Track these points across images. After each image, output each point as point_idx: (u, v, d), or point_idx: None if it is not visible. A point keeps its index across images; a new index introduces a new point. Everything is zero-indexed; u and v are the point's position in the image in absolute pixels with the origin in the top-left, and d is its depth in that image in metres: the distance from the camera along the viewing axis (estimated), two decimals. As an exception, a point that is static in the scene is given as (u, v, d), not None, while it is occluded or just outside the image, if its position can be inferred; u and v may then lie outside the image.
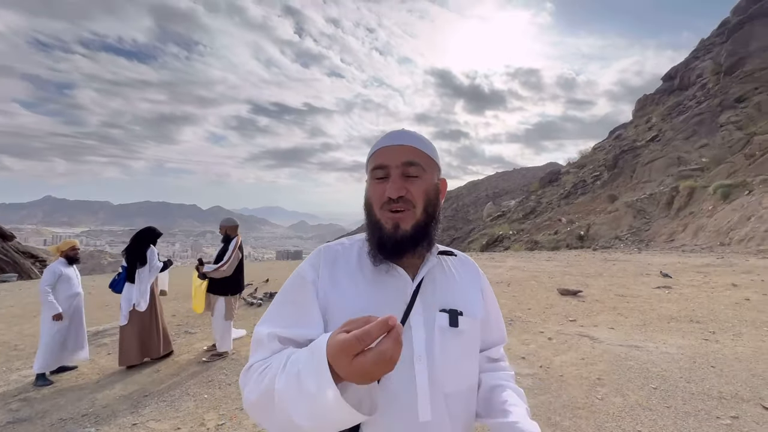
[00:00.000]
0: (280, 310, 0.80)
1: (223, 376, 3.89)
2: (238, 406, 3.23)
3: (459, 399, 0.79)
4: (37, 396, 3.58)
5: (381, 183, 0.80)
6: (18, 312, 7.48)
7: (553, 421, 2.78)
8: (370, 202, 0.83)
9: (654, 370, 3.55)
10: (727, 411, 2.81)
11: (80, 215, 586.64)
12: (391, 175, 0.80)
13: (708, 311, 5.46)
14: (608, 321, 5.28)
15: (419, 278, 0.82)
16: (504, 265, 11.25)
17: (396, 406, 0.73)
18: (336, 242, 0.89)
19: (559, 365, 3.79)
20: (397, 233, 0.78)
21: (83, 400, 3.42)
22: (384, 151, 0.82)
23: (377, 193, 0.80)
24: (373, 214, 0.81)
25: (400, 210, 0.78)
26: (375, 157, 0.83)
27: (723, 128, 19.14)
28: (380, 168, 0.81)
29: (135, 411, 3.19)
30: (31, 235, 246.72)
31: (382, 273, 0.81)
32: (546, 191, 29.69)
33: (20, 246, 19.52)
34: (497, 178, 59.78)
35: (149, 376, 3.94)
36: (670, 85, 31.58)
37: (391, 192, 0.78)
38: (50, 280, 3.95)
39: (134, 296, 4.19)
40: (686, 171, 17.76)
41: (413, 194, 0.79)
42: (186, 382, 3.74)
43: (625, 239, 15.70)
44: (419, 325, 0.77)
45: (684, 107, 24.82)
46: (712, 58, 27.27)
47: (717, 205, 13.87)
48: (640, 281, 7.80)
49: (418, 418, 0.73)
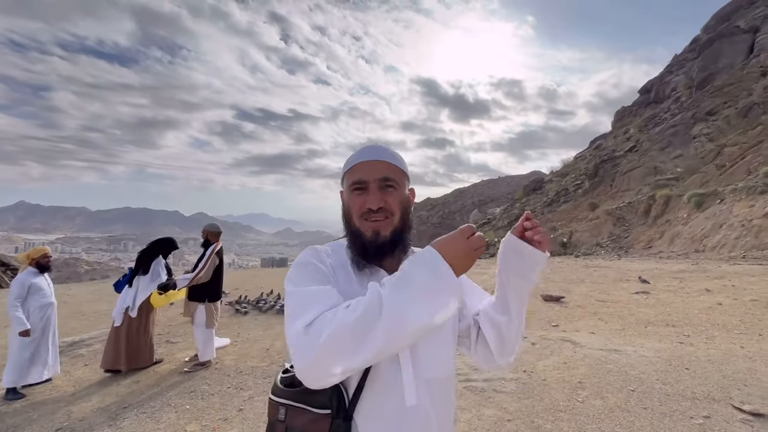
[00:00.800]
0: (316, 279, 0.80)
1: (206, 386, 3.81)
2: (221, 416, 3.17)
3: (439, 384, 0.86)
4: (7, 410, 3.43)
5: (360, 195, 0.88)
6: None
7: (536, 424, 2.84)
8: (350, 213, 0.90)
9: (632, 373, 3.66)
10: (699, 411, 2.92)
11: (55, 221, 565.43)
12: (369, 188, 0.88)
13: (683, 315, 5.66)
14: (589, 326, 5.41)
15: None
16: (489, 272, 11.40)
17: (386, 393, 0.80)
18: (325, 246, 0.95)
19: (542, 369, 3.87)
20: (378, 239, 0.86)
21: (58, 413, 3.30)
22: (361, 167, 0.89)
23: (357, 204, 0.88)
24: (352, 224, 0.89)
25: (379, 219, 0.87)
26: (353, 171, 0.90)
27: (696, 140, 20.01)
28: (359, 182, 0.88)
29: (113, 424, 3.10)
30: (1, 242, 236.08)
31: (366, 275, 0.88)
32: (530, 199, 30.30)
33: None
34: (483, 185, 60.66)
35: (128, 387, 3.83)
36: (647, 98, 32.90)
37: (371, 204, 0.86)
38: (19, 293, 3.76)
39: (128, 301, 4.27)
40: (662, 180, 18.45)
41: (391, 204, 0.88)
42: (167, 393, 3.65)
43: (606, 246, 16.14)
44: None
45: (659, 119, 25.88)
46: (685, 73, 28.61)
47: (691, 213, 14.44)
48: (620, 287, 8.03)
49: (405, 403, 0.80)
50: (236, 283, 11.37)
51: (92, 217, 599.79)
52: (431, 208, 54.39)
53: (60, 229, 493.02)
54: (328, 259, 0.88)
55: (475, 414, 3.02)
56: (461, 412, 3.05)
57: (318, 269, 0.83)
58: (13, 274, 17.77)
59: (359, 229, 0.88)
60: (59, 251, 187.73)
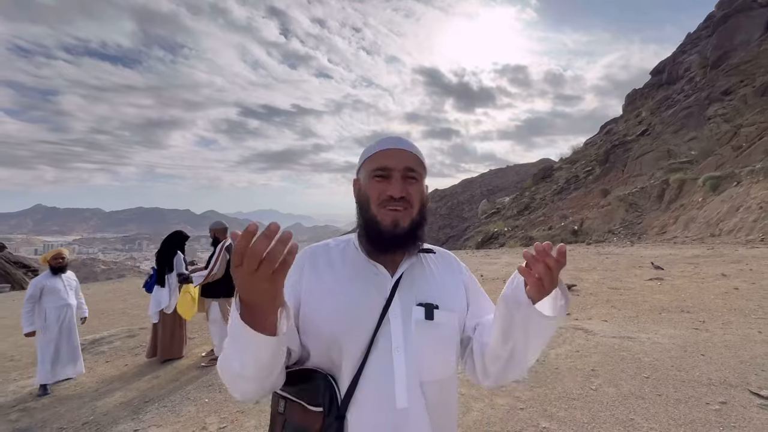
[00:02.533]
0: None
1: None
2: (239, 409, 3.25)
3: (435, 387, 0.83)
4: (36, 406, 3.58)
5: (381, 182, 0.85)
6: (12, 323, 7.41)
7: (549, 412, 2.85)
8: (367, 199, 0.86)
9: (646, 360, 3.64)
10: (716, 397, 2.90)
11: (71, 223, 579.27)
12: (393, 176, 0.85)
13: (698, 301, 5.58)
14: (602, 314, 5.37)
15: (398, 274, 0.87)
16: (499, 262, 11.35)
17: (375, 394, 0.78)
18: (321, 243, 0.94)
19: (554, 358, 3.87)
20: (396, 229, 0.84)
21: (83, 409, 3.43)
22: (386, 154, 0.87)
23: (377, 190, 0.85)
24: (368, 211, 0.86)
25: (398, 209, 0.84)
26: (375, 158, 0.87)
27: (711, 121, 19.45)
28: (382, 169, 0.85)
29: (136, 417, 3.21)
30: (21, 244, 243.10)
31: (363, 270, 0.87)
32: (539, 187, 29.93)
33: (11, 256, 19.27)
34: (491, 175, 60.07)
35: (149, 383, 3.95)
36: (659, 80, 31.99)
37: (394, 191, 0.83)
38: (31, 294, 3.89)
39: (164, 299, 4.54)
40: (676, 164, 18.02)
41: (412, 196, 0.85)
42: (186, 387, 3.76)
43: (618, 233, 15.91)
44: (397, 318, 0.83)
45: (672, 101, 25.17)
46: (699, 51, 27.69)
47: (706, 197, 14.11)
48: (633, 274, 7.93)
49: (396, 405, 0.78)
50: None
51: (106, 218, 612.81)
52: (439, 200, 54.14)
53: (76, 231, 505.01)
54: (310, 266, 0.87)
55: (487, 403, 3.04)
56: (474, 402, 3.07)
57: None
58: (34, 275, 18.33)
59: (376, 217, 0.84)
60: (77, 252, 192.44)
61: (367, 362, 0.79)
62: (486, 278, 8.71)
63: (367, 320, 0.81)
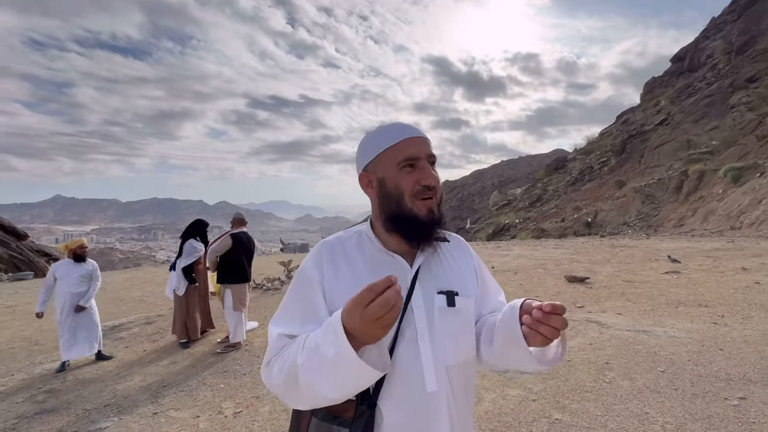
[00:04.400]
0: (288, 309, 0.85)
1: (237, 366, 4.00)
2: (253, 394, 3.33)
3: (459, 370, 0.86)
4: (61, 388, 3.73)
5: (411, 173, 0.84)
6: (36, 308, 7.70)
7: (562, 404, 2.84)
8: (400, 192, 0.83)
9: (662, 354, 3.58)
10: (734, 392, 2.84)
11: (90, 213, 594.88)
12: (420, 165, 0.85)
13: (717, 295, 5.44)
14: (616, 307, 5.29)
15: (417, 264, 0.87)
16: (511, 254, 11.26)
17: (406, 380, 0.80)
18: (334, 237, 0.92)
19: (567, 350, 3.83)
20: (434, 216, 0.85)
21: (105, 391, 3.55)
22: (410, 143, 0.85)
23: (410, 182, 0.83)
24: (403, 204, 0.83)
25: (431, 197, 0.85)
26: (399, 148, 0.84)
27: (734, 110, 18.73)
28: (412, 158, 0.84)
29: (155, 401, 3.31)
30: (42, 234, 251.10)
31: (381, 262, 0.87)
32: (552, 179, 29.43)
33: (34, 245, 19.95)
34: (503, 166, 59.26)
35: (167, 368, 4.06)
36: (679, 67, 30.87)
37: (429, 180, 0.84)
38: (46, 278, 4.33)
39: (172, 282, 4.85)
40: (696, 154, 17.47)
41: (438, 181, 0.87)
42: (202, 373, 3.86)
43: (634, 225, 15.58)
44: (420, 307, 0.84)
45: (694, 89, 24.28)
46: (723, 37, 26.55)
47: (727, 188, 13.67)
48: (649, 267, 7.78)
49: (426, 389, 0.81)
50: (260, 269, 11.72)
51: (123, 209, 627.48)
52: (450, 191, 53.74)
53: (94, 221, 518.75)
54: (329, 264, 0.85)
55: (499, 394, 3.05)
56: (485, 392, 3.08)
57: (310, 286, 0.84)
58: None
59: (412, 210, 0.83)
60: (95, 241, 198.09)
61: (395, 352, 0.80)
62: (497, 270, 8.66)
63: None
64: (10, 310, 7.80)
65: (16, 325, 6.48)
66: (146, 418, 3.02)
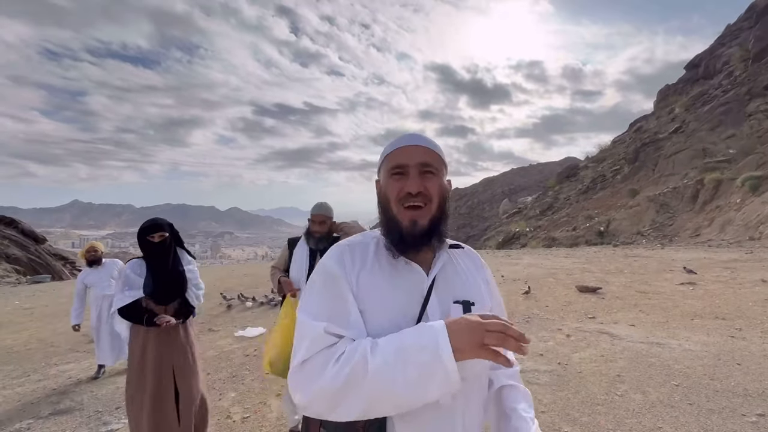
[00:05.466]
0: (323, 303, 0.80)
1: (246, 372, 4.03)
2: (261, 400, 3.35)
3: (473, 382, 0.85)
4: (75, 389, 3.80)
5: (399, 180, 0.85)
6: (52, 311, 7.90)
7: (572, 417, 2.78)
8: (387, 198, 0.87)
9: (676, 368, 3.49)
10: (753, 408, 2.75)
11: (105, 218, 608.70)
12: (409, 173, 0.85)
13: (734, 308, 5.29)
14: (629, 318, 5.18)
15: (434, 273, 0.86)
16: (521, 263, 11.12)
17: None
18: (353, 239, 0.91)
19: (578, 362, 3.77)
20: (416, 228, 0.84)
21: (117, 394, 3.61)
22: (401, 152, 0.87)
23: (395, 189, 0.85)
24: (389, 211, 0.86)
25: (418, 205, 0.84)
26: (392, 157, 0.88)
27: (752, 117, 18.32)
28: (399, 166, 0.86)
29: (165, 404, 3.35)
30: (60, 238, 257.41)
31: (398, 269, 0.86)
32: (564, 187, 29.09)
33: (51, 249, 20.50)
34: (513, 174, 58.83)
35: (176, 372, 4.12)
36: (694, 74, 30.40)
37: (411, 187, 0.83)
38: (77, 290, 4.22)
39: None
40: (712, 163, 17.09)
41: (430, 190, 0.85)
42: (210, 378, 3.90)
43: (648, 235, 15.27)
44: (436, 317, 0.82)
45: (709, 96, 23.86)
46: (740, 44, 26.11)
47: (745, 197, 13.33)
48: (663, 278, 7.61)
49: (439, 401, 0.78)
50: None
51: (137, 214, 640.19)
52: (459, 198, 53.51)
53: (110, 226, 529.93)
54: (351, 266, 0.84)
55: (507, 405, 3.00)
56: (493, 403, 3.04)
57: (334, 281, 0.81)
58: (72, 267, 19.42)
59: (396, 217, 0.85)
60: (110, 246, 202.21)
61: None
62: (506, 279, 8.56)
63: (406, 320, 0.80)
64: (29, 312, 8.01)
65: (34, 326, 6.65)
66: (156, 421, 3.06)
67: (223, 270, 16.15)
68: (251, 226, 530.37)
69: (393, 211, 0.86)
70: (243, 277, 11.99)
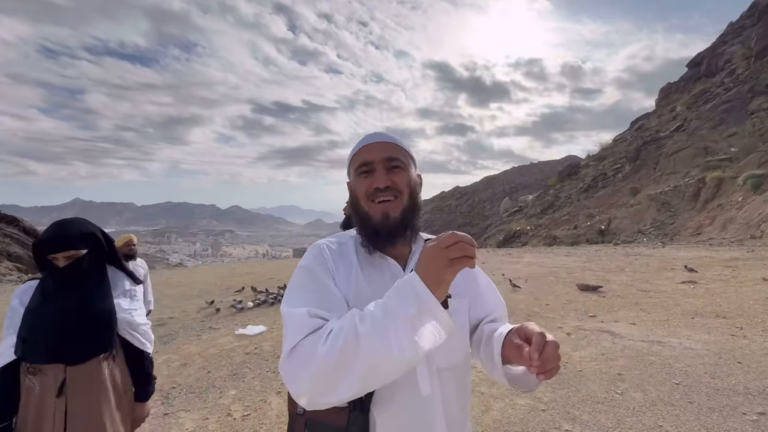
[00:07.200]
0: (305, 294, 0.79)
1: (246, 370, 4.04)
2: (262, 398, 3.36)
3: (453, 373, 0.85)
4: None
5: (366, 178, 0.87)
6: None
7: (572, 415, 2.79)
8: (356, 196, 0.89)
9: (677, 366, 3.49)
10: (753, 407, 2.75)
11: (106, 216, 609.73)
12: (376, 169, 0.86)
13: (736, 306, 5.28)
14: (629, 316, 5.18)
15: (410, 267, 0.87)
16: (522, 261, 11.12)
17: (401, 384, 0.78)
18: (328, 239, 0.93)
19: (578, 360, 3.77)
20: (389, 221, 0.84)
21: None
22: (366, 149, 0.89)
23: (363, 186, 0.86)
24: (360, 207, 0.88)
25: (388, 199, 0.85)
26: (358, 155, 0.89)
27: (754, 116, 18.27)
28: (365, 164, 0.87)
29: (166, 402, 3.37)
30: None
31: (374, 264, 0.87)
32: (564, 185, 29.07)
33: (53, 247, 20.54)
34: (514, 172, 58.76)
35: (177, 370, 4.13)
36: (696, 72, 30.32)
37: (378, 182, 0.84)
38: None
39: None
40: (714, 161, 17.05)
41: (398, 183, 0.86)
42: (212, 376, 3.91)
43: (649, 233, 15.25)
44: None
45: (711, 95, 23.79)
46: (742, 42, 26.01)
47: (747, 196, 13.30)
48: (664, 276, 7.60)
49: (420, 393, 0.80)
50: (271, 273, 11.84)
51: (138, 212, 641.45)
52: (460, 197, 53.48)
53: (110, 224, 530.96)
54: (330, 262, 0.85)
55: (508, 403, 3.01)
56: (494, 401, 3.04)
57: (314, 274, 0.81)
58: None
59: (368, 212, 0.86)
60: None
61: None
62: (507, 277, 8.57)
63: None
64: (30, 310, 8.02)
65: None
66: (157, 419, 3.07)
67: (225, 268, 16.19)
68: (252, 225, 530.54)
69: (364, 207, 0.87)
70: (244, 275, 12.02)
